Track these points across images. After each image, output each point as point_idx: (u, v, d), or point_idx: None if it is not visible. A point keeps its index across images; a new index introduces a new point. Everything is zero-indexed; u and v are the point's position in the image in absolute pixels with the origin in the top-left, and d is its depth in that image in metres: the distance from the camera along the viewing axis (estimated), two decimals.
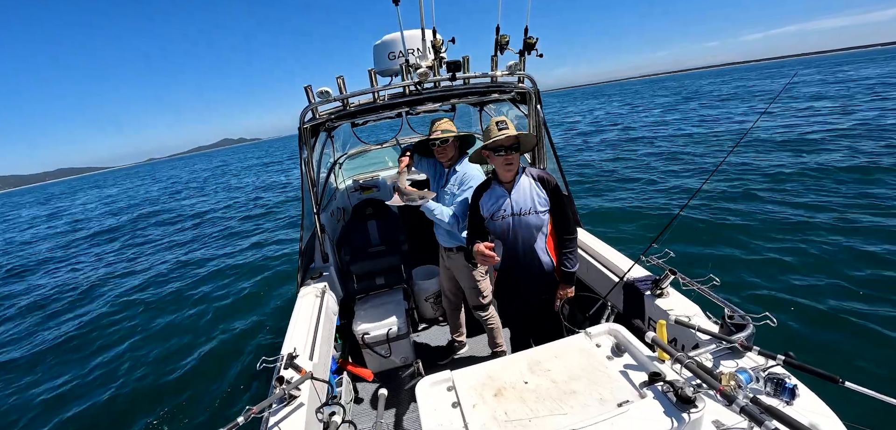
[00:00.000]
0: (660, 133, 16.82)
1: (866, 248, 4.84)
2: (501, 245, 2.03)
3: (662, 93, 49.80)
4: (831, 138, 10.67)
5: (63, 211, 26.79)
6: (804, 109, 16.73)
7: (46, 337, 6.13)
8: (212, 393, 3.96)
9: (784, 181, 7.73)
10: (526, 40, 2.54)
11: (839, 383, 1.19)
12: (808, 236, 5.40)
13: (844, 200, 6.41)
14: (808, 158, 9.07)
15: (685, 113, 23.03)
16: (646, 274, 2.15)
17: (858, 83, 26.37)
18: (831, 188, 7.01)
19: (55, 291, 8.45)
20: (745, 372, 1.21)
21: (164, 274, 8.23)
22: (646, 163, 11.42)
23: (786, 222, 5.94)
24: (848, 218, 5.72)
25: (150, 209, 18.81)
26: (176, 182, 34.16)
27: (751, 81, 46.08)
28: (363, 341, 2.84)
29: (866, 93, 20.11)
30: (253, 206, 14.83)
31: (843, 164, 8.15)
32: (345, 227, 3.75)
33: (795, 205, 6.51)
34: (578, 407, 1.09)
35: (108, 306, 6.95)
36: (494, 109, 3.97)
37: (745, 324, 1.47)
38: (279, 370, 1.75)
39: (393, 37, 3.01)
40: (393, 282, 3.30)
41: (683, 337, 1.74)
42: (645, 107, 32.30)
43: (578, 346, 1.34)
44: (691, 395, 1.03)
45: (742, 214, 6.48)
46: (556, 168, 2.89)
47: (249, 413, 1.41)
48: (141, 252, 10.65)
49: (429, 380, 1.25)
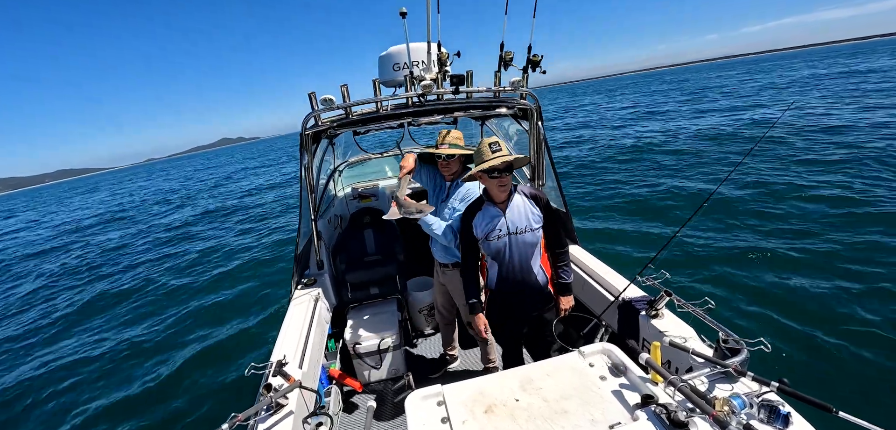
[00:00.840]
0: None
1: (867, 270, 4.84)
2: (495, 265, 2.03)
3: (676, 87, 47.71)
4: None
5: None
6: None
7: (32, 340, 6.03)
8: (198, 400, 3.89)
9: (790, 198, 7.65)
10: (530, 58, 2.58)
11: (833, 412, 1.17)
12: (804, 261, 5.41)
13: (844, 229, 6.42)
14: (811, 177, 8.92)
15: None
16: (641, 294, 2.14)
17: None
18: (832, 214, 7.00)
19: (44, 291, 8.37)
20: (738, 398, 1.19)
21: (154, 280, 8.15)
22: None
23: (779, 248, 5.96)
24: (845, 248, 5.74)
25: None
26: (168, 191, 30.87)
27: (769, 75, 42.37)
28: (354, 351, 2.80)
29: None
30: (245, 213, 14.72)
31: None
32: (341, 235, 3.73)
33: (793, 231, 6.53)
34: (570, 427, 1.07)
35: (90, 309, 6.85)
36: (496, 124, 4.00)
37: (740, 349, 1.46)
38: (267, 377, 1.73)
39: (398, 49, 3.04)
40: (387, 292, 3.27)
41: (677, 359, 1.72)
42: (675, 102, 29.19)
43: (571, 365, 1.32)
44: (684, 419, 1.01)
45: (739, 235, 6.49)
46: (556, 186, 2.91)
47: (235, 420, 1.38)
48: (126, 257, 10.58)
49: (419, 394, 1.23)
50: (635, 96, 41.68)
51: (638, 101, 35.33)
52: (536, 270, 2.05)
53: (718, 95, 28.29)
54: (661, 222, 7.62)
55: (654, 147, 14.08)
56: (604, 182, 10.94)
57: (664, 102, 30.34)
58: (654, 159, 12.47)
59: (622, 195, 9.53)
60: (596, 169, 12.46)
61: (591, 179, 11.43)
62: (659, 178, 10.41)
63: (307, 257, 3.03)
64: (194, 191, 25.03)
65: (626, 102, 35.55)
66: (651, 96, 38.06)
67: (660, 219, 7.82)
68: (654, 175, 10.73)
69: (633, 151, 14.08)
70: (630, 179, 10.78)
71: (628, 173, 11.39)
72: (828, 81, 26.66)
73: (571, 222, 2.89)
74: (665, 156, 12.65)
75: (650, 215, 8.08)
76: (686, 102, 27.17)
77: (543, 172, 3.00)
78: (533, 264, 2.03)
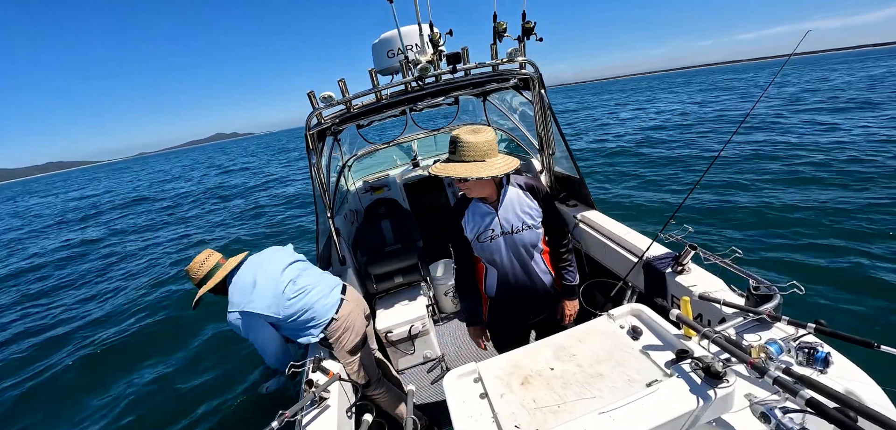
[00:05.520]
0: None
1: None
2: (493, 271, 1.80)
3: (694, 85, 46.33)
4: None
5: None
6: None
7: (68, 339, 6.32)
8: (243, 398, 4.06)
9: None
10: (524, 25, 2.50)
11: (875, 347, 1.16)
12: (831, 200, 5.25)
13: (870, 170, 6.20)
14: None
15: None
16: (665, 252, 2.12)
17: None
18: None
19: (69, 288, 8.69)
20: (774, 343, 1.18)
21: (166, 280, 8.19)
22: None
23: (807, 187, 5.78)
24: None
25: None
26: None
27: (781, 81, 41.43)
28: (387, 340, 2.88)
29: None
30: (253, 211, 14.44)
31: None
32: (359, 228, 3.79)
33: (815, 178, 6.32)
34: (606, 390, 1.09)
35: (121, 315, 7.00)
36: (498, 98, 3.94)
37: (772, 294, 1.44)
38: (307, 373, 1.80)
39: (390, 34, 3.00)
40: (411, 279, 3.33)
41: (708, 312, 1.71)
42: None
43: (602, 329, 1.33)
44: (721, 370, 1.01)
45: (762, 188, 6.32)
46: (567, 153, 2.87)
47: (283, 417, 1.45)
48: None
49: (455, 373, 1.26)
50: (660, 93, 40.00)
51: (657, 97, 33.83)
52: (540, 271, 1.81)
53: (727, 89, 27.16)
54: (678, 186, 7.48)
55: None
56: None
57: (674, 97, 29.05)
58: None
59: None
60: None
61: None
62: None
63: (329, 254, 3.09)
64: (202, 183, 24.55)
65: (665, 99, 33.29)
66: (673, 92, 36.93)
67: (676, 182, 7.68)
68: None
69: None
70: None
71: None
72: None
73: (587, 188, 2.85)
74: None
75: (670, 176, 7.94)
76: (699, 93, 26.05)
77: (552, 140, 2.96)
78: (535, 265, 1.79)
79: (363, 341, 2.22)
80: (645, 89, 55.53)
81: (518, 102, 3.65)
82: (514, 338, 1.88)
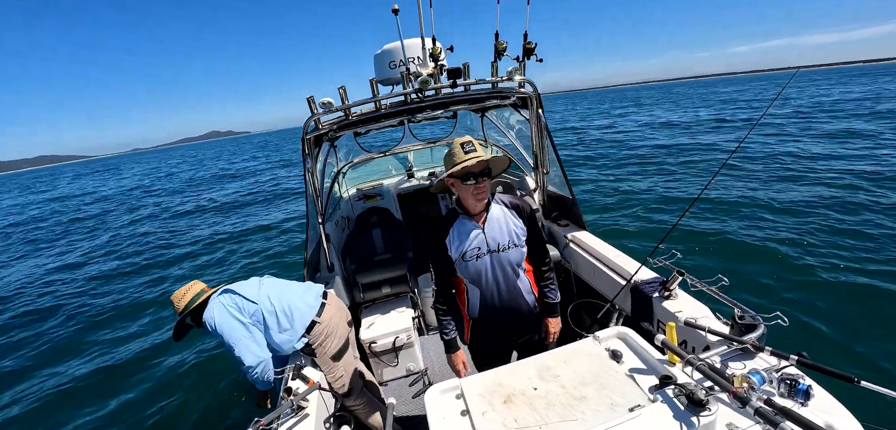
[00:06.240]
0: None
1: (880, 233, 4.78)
2: (476, 290, 1.76)
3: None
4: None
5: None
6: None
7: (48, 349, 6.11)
8: (217, 406, 3.95)
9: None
10: (525, 45, 2.55)
11: (855, 382, 1.16)
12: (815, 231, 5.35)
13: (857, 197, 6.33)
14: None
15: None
16: (653, 276, 2.13)
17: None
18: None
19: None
20: (757, 373, 1.19)
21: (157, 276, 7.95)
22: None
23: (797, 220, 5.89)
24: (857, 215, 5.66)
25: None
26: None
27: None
28: (370, 350, 2.83)
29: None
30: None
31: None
32: (349, 236, 3.76)
33: (802, 208, 6.45)
34: (589, 413, 1.08)
35: (99, 313, 6.74)
36: (496, 115, 3.98)
37: (756, 324, 1.45)
38: (287, 380, 1.75)
39: (393, 45, 3.04)
40: (399, 290, 3.30)
41: (693, 339, 1.72)
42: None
43: (587, 350, 1.33)
44: (703, 398, 1.01)
45: (752, 215, 6.43)
46: (560, 172, 2.89)
47: (259, 425, 1.41)
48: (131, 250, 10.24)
49: (437, 388, 1.24)
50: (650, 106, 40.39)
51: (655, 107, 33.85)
52: (524, 290, 1.79)
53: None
54: (668, 212, 7.57)
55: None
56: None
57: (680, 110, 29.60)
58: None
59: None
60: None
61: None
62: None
63: (317, 260, 3.05)
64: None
65: (658, 109, 33.36)
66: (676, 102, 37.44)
67: (668, 208, 7.77)
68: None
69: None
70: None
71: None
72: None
73: (578, 208, 2.88)
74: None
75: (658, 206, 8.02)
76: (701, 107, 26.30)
77: (547, 160, 2.99)
78: (520, 285, 1.77)
79: (346, 348, 2.19)
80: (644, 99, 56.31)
81: (515, 120, 3.69)
82: (497, 359, 1.84)
